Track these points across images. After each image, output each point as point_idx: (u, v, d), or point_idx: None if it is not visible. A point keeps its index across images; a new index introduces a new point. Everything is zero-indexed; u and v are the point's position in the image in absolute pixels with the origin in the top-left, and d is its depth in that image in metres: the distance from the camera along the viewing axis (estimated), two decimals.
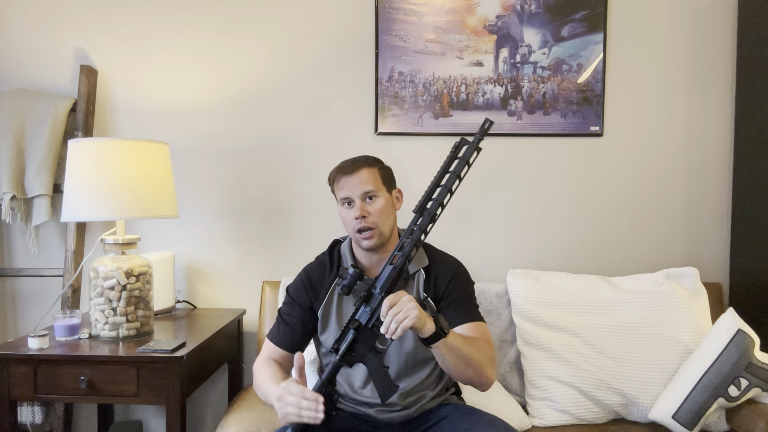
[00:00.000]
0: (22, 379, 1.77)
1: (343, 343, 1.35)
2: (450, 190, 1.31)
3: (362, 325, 1.34)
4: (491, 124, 1.31)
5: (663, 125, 2.29)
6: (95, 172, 1.84)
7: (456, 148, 1.31)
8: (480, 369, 1.40)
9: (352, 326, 1.34)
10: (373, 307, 1.33)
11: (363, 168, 1.50)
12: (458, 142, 1.32)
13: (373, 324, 1.34)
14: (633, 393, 1.85)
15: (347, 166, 1.51)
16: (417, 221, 1.34)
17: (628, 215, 2.31)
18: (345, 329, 1.35)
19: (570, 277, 2.05)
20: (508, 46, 2.27)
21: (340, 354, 1.34)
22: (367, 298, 1.34)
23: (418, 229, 1.33)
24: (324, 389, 1.34)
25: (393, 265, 1.33)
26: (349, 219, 1.49)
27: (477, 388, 1.46)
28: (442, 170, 1.31)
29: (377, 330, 1.33)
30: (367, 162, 1.52)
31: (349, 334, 1.35)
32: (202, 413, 2.38)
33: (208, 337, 1.92)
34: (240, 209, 2.34)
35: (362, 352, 1.35)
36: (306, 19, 2.30)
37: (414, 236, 1.33)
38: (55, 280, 2.31)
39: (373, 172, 1.51)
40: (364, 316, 1.34)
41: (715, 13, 2.27)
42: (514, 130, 2.29)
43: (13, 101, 2.22)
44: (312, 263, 1.62)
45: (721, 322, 1.84)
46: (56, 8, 2.32)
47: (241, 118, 2.33)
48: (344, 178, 1.49)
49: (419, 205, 1.33)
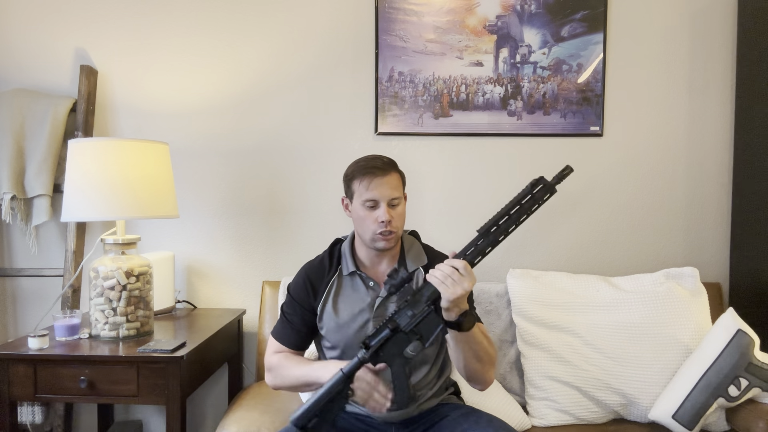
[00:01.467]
0: (22, 379, 1.77)
1: (375, 340, 1.34)
2: (516, 222, 1.36)
3: (399, 327, 1.34)
4: (571, 171, 1.37)
5: (663, 125, 2.29)
6: (95, 172, 1.84)
7: (533, 185, 1.35)
8: (486, 366, 1.43)
9: (390, 326, 1.34)
10: (416, 313, 1.34)
11: (393, 172, 1.51)
12: (536, 179, 1.36)
13: (410, 329, 1.34)
14: (633, 393, 1.85)
15: (379, 166, 1.50)
16: (478, 241, 1.36)
17: (628, 215, 2.31)
18: (381, 327, 1.35)
19: (570, 277, 2.05)
20: (508, 46, 2.27)
21: (371, 351, 1.33)
22: (412, 303, 1.35)
23: (477, 250, 1.35)
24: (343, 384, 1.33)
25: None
26: (370, 220, 1.48)
27: (476, 386, 1.48)
28: (514, 201, 1.35)
29: (413, 336, 1.34)
30: (393, 166, 1.53)
31: (384, 332, 1.34)
32: (202, 413, 2.38)
33: (208, 337, 1.92)
34: (240, 209, 2.34)
35: (392, 353, 1.34)
36: (306, 19, 2.30)
37: (471, 255, 1.35)
38: (55, 280, 2.31)
39: (399, 177, 1.53)
40: (404, 318, 1.34)
41: (715, 13, 2.26)
42: (514, 130, 2.29)
43: (13, 101, 2.22)
44: (312, 261, 1.63)
45: (720, 322, 1.84)
46: (56, 8, 2.32)
47: (241, 118, 2.33)
48: (376, 179, 1.48)
49: (484, 228, 1.36)
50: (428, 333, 1.34)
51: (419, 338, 1.34)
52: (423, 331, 1.34)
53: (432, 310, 1.34)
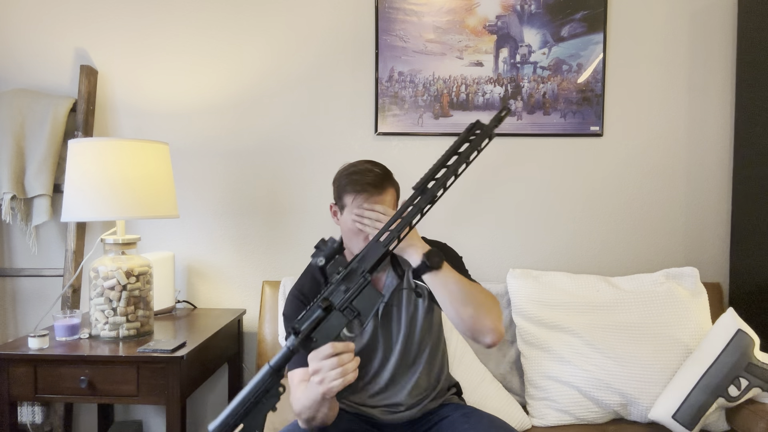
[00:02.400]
0: (22, 379, 1.77)
1: (304, 323, 1.15)
2: (455, 173, 1.17)
3: (333, 306, 1.16)
4: (509, 111, 1.19)
5: (663, 125, 2.29)
6: (95, 172, 1.84)
7: (469, 130, 1.18)
8: (480, 310, 1.32)
9: (322, 305, 1.15)
10: (350, 287, 1.16)
11: (389, 188, 1.44)
12: (472, 124, 1.18)
13: (346, 307, 1.16)
14: (633, 393, 1.85)
15: (373, 183, 1.41)
16: (415, 199, 1.19)
17: (628, 215, 2.31)
18: (312, 307, 1.17)
19: (570, 277, 2.05)
20: (508, 46, 2.27)
21: (301, 337, 1.14)
22: (347, 275, 1.17)
23: (415, 208, 1.18)
24: (270, 378, 1.14)
25: (380, 241, 1.18)
26: (360, 237, 1.42)
27: (483, 340, 1.34)
28: (450, 151, 1.18)
29: (350, 314, 1.16)
30: (389, 179, 1.45)
31: (315, 313, 1.15)
32: (202, 413, 2.38)
33: (208, 337, 1.92)
34: (240, 209, 2.34)
35: (326, 337, 1.16)
36: (306, 20, 2.30)
37: (408, 215, 1.18)
38: (55, 280, 2.31)
39: (393, 192, 1.46)
40: (338, 295, 1.17)
41: (715, 13, 2.27)
42: (514, 130, 2.29)
43: (13, 101, 2.22)
44: (301, 280, 1.54)
45: (721, 322, 1.84)
46: (56, 8, 2.32)
47: (241, 118, 2.33)
48: (372, 198, 1.41)
49: (420, 183, 1.18)
50: (366, 309, 1.17)
51: (357, 315, 1.17)
52: (360, 308, 1.17)
53: (369, 282, 1.17)
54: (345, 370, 1.14)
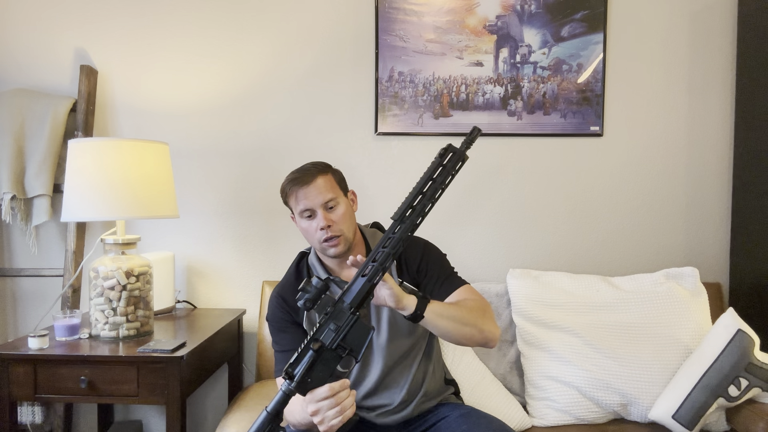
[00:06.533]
0: (22, 379, 1.77)
1: (299, 367, 1.16)
2: (432, 200, 1.19)
3: (325, 346, 1.17)
4: (479, 132, 1.21)
5: (663, 125, 2.29)
6: (95, 172, 1.84)
7: (441, 156, 1.20)
8: (478, 325, 1.36)
9: (313, 347, 1.16)
10: (340, 326, 1.17)
11: (318, 176, 1.45)
12: (444, 149, 1.20)
13: (337, 344, 1.17)
14: (633, 393, 1.85)
15: (300, 176, 1.45)
16: (395, 229, 1.20)
17: (628, 215, 2.31)
18: (304, 349, 1.17)
19: (570, 277, 2.05)
20: (508, 46, 2.27)
21: (297, 380, 1.15)
22: (334, 314, 1.18)
23: (396, 239, 1.19)
24: (270, 425, 1.15)
25: (365, 276, 1.19)
26: (312, 230, 1.45)
27: (486, 346, 1.40)
28: (425, 178, 1.19)
29: (342, 351, 1.17)
30: (319, 169, 1.47)
31: (308, 355, 1.16)
32: (202, 413, 2.38)
33: (208, 337, 1.92)
34: (240, 209, 2.34)
35: (321, 377, 1.16)
36: (306, 20, 2.30)
37: (390, 246, 1.19)
38: (55, 280, 2.31)
39: (328, 178, 1.47)
40: (328, 335, 1.17)
41: (715, 13, 2.26)
42: (514, 130, 2.29)
43: (13, 101, 2.22)
44: (280, 283, 1.56)
45: (721, 322, 1.84)
46: (56, 8, 2.32)
47: (241, 118, 2.33)
48: (301, 189, 1.44)
49: (399, 213, 1.19)
50: (358, 344, 1.18)
51: (349, 352, 1.18)
52: (352, 344, 1.18)
53: (357, 318, 1.18)
54: (343, 408, 1.15)
